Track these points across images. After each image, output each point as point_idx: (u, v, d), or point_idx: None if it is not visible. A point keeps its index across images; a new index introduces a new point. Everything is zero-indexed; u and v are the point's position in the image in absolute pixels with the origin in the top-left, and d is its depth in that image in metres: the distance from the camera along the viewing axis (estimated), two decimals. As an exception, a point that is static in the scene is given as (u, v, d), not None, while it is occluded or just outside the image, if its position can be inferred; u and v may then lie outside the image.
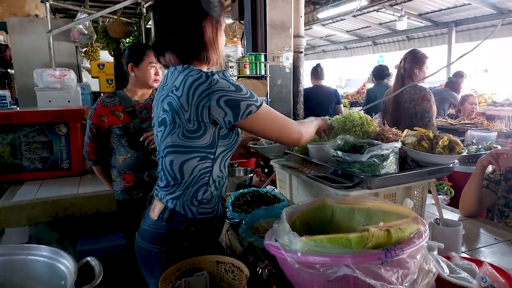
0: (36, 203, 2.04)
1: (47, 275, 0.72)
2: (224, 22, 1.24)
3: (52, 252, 0.72)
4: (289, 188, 1.62)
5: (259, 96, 3.13)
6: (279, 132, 1.20)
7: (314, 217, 1.20)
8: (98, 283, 0.70)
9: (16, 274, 0.73)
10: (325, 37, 10.45)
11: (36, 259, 0.72)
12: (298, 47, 4.18)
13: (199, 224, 1.20)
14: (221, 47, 1.22)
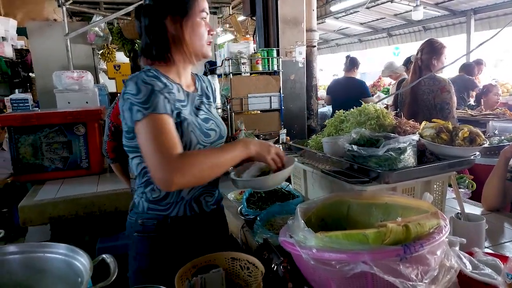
0: (57, 202, 2.09)
1: (64, 272, 0.73)
2: (198, 13, 1.13)
3: (68, 249, 0.73)
4: (304, 184, 1.60)
5: (272, 92, 3.13)
6: (149, 158, 0.99)
7: (330, 212, 1.18)
8: (116, 280, 0.71)
9: (35, 271, 0.74)
10: (338, 30, 10.32)
11: (54, 257, 0.73)
12: (311, 41, 4.14)
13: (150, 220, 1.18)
14: (194, 42, 1.14)
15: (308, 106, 4.06)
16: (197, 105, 1.22)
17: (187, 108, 1.16)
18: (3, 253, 0.74)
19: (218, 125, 1.25)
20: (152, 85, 1.03)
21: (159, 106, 1.01)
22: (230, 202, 1.97)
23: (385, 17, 8.60)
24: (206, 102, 1.28)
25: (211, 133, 1.20)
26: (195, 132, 1.13)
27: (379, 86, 7.45)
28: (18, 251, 0.74)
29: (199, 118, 1.19)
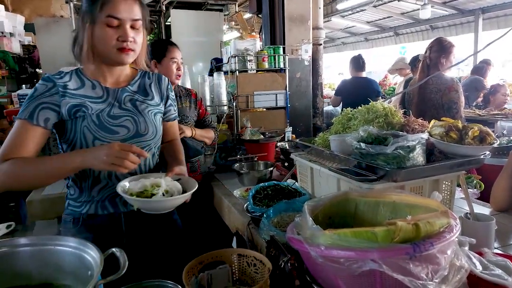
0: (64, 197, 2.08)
1: (74, 265, 0.73)
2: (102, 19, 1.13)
3: (79, 243, 0.73)
4: (311, 182, 1.60)
5: (277, 90, 3.12)
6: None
7: (337, 211, 1.17)
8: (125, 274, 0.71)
9: (46, 263, 0.74)
10: (344, 28, 10.27)
11: (64, 250, 0.74)
12: (317, 40, 4.12)
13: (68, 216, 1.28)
14: (98, 47, 1.17)
15: (313, 105, 4.05)
16: (121, 100, 1.25)
17: (101, 103, 1.21)
18: (15, 245, 0.74)
19: (135, 122, 1.24)
20: (35, 89, 1.16)
21: (26, 113, 1.11)
22: (236, 199, 1.97)
23: (392, 15, 8.55)
24: (140, 99, 1.29)
25: (120, 129, 1.21)
26: (90, 127, 1.16)
27: (385, 86, 7.41)
28: (29, 243, 0.75)
29: (110, 113, 1.21)
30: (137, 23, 1.17)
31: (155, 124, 1.29)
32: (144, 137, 1.25)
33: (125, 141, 1.20)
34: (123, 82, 1.29)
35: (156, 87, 1.35)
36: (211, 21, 4.71)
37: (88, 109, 1.17)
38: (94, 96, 1.21)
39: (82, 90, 1.20)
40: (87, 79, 1.22)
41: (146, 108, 1.28)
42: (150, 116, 1.28)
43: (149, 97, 1.32)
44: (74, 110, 1.16)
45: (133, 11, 1.16)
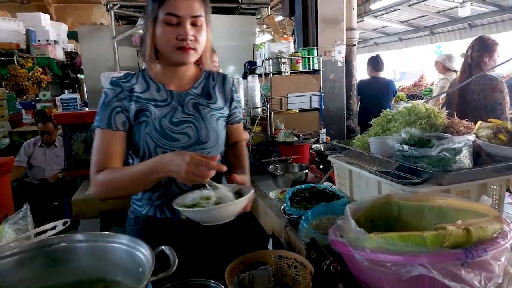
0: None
1: (126, 262, 0.76)
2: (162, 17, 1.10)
3: (130, 240, 0.76)
4: (349, 185, 1.58)
5: (312, 92, 3.10)
6: (91, 159, 1.15)
7: (379, 214, 1.15)
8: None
9: (99, 259, 0.78)
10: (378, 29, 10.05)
11: (116, 246, 0.77)
12: (350, 41, 4.06)
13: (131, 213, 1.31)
14: (159, 46, 1.14)
15: (347, 106, 3.99)
16: (184, 104, 1.21)
17: (164, 107, 1.18)
18: (73, 241, 0.79)
19: (197, 128, 1.20)
20: (106, 94, 1.16)
21: (104, 120, 1.13)
22: (271, 200, 1.97)
23: (428, 14, 8.27)
24: (203, 102, 1.24)
25: (181, 137, 1.17)
26: (152, 134, 1.14)
27: (421, 86, 7.18)
28: (84, 239, 0.79)
29: (172, 119, 1.18)
30: (198, 20, 1.11)
31: (217, 130, 1.24)
32: (205, 144, 1.21)
33: (186, 148, 1.17)
34: (187, 84, 1.25)
35: (220, 89, 1.30)
36: (244, 25, 4.76)
37: (152, 114, 1.16)
38: (158, 99, 1.19)
39: (147, 93, 1.18)
40: (153, 81, 1.21)
41: (209, 113, 1.24)
42: (212, 122, 1.24)
43: (212, 100, 1.27)
44: (139, 114, 1.15)
45: (193, 7, 1.10)
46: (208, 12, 1.16)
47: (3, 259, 0.72)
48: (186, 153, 0.99)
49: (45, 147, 3.91)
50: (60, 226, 0.82)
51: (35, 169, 3.87)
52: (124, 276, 0.78)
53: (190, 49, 1.12)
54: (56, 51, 7.01)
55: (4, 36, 5.52)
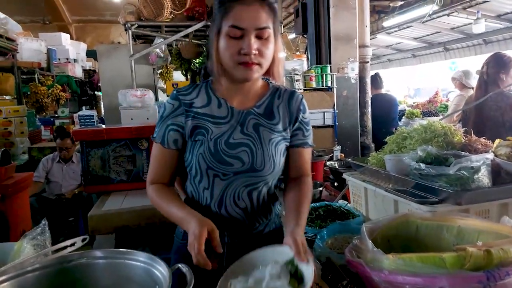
0: (122, 212, 2.22)
1: (143, 279, 0.77)
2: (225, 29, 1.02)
3: (148, 257, 0.77)
4: (365, 203, 1.56)
5: (326, 108, 3.10)
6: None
7: (397, 233, 1.13)
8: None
9: (117, 276, 0.79)
10: (390, 45, 10.06)
11: (134, 264, 0.78)
12: (363, 57, 4.08)
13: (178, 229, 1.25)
14: (222, 60, 1.05)
15: (361, 123, 3.98)
16: (244, 123, 1.11)
17: (223, 125, 1.10)
18: (91, 257, 0.80)
19: (252, 154, 1.09)
20: (165, 108, 1.12)
21: (160, 135, 1.11)
22: (285, 218, 1.96)
23: (441, 31, 8.27)
24: (264, 123, 1.13)
25: (234, 162, 1.08)
26: (205, 155, 1.07)
27: (436, 102, 7.10)
28: (103, 256, 0.80)
29: (229, 140, 1.09)
30: (264, 32, 1.00)
31: (274, 158, 1.11)
32: (259, 172, 1.10)
33: (239, 173, 1.09)
34: (250, 101, 1.14)
35: (285, 108, 1.16)
36: (258, 43, 4.83)
37: (208, 133, 1.08)
38: (217, 116, 1.10)
39: (207, 109, 1.11)
40: (215, 95, 1.12)
41: (269, 136, 1.12)
42: (271, 148, 1.11)
43: (274, 121, 1.14)
44: (195, 132, 1.09)
45: (258, 19, 1.00)
46: (276, 22, 1.05)
47: (24, 275, 0.74)
48: (203, 224, 0.91)
49: (63, 163, 3.99)
50: (79, 243, 0.83)
51: (52, 185, 3.95)
52: (141, 294, 0.79)
53: (254, 64, 1.01)
54: (75, 69, 7.24)
55: (27, 55, 5.72)
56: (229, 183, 1.10)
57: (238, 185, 1.11)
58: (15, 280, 0.73)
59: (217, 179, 1.10)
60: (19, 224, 2.64)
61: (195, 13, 4.82)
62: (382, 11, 7.42)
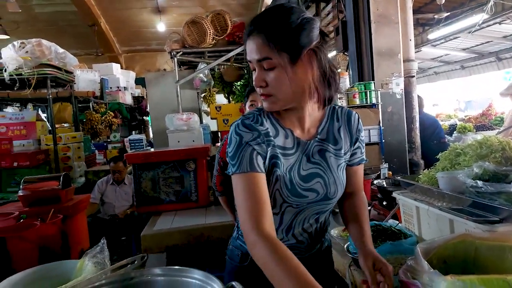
0: (173, 232, 2.31)
1: (199, 297, 0.80)
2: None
3: (203, 275, 0.80)
4: (417, 222, 1.50)
5: (370, 125, 3.05)
6: (240, 212, 0.96)
7: (454, 254, 1.08)
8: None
9: (173, 293, 0.83)
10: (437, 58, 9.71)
11: (190, 281, 0.81)
12: (409, 72, 3.98)
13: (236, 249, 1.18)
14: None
15: (409, 139, 3.85)
16: (311, 153, 1.08)
17: (291, 157, 1.05)
18: (151, 275, 0.85)
19: (326, 184, 1.07)
20: (240, 136, 1.00)
21: (245, 163, 0.97)
22: (333, 238, 1.92)
23: (492, 40, 7.86)
24: (329, 149, 1.09)
25: (309, 194, 1.05)
26: (282, 191, 1.03)
27: (490, 115, 6.71)
28: (162, 273, 0.84)
29: (300, 172, 1.05)
30: (265, 63, 0.96)
31: (343, 182, 1.11)
32: (331, 200, 1.09)
33: (311, 203, 1.07)
34: (312, 128, 1.10)
35: (345, 130, 1.13)
36: (298, 63, 4.89)
37: (280, 166, 1.03)
38: (286, 147, 1.05)
39: (277, 140, 1.05)
40: (280, 126, 1.07)
41: (337, 163, 1.10)
42: (340, 174, 1.10)
43: (339, 146, 1.11)
44: (271, 162, 1.03)
45: (255, 51, 0.96)
46: (281, 51, 0.95)
47: (92, 290, 0.80)
48: None
49: (116, 185, 4.22)
50: (138, 261, 0.88)
51: (106, 206, 4.18)
52: (197, 311, 0.81)
53: (264, 95, 1.00)
54: (125, 96, 7.72)
55: (83, 85, 6.20)
56: (300, 210, 1.08)
57: (308, 212, 1.09)
58: (84, 295, 0.79)
59: (289, 208, 1.07)
60: (78, 243, 2.82)
61: (236, 38, 5.01)
62: (426, 23, 7.22)
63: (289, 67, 0.96)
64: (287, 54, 0.95)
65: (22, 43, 4.18)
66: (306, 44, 0.96)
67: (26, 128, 4.74)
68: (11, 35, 8.24)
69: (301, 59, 0.97)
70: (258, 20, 0.98)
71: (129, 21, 9.75)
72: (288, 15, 0.96)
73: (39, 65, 4.23)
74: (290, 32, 0.95)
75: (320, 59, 1.00)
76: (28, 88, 4.34)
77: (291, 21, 0.95)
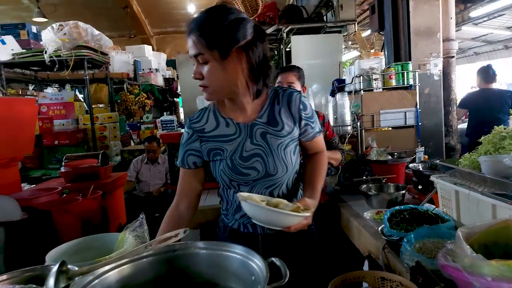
0: (205, 209, 2.38)
1: (239, 270, 0.83)
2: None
3: (244, 250, 0.83)
4: (456, 207, 1.46)
5: (407, 107, 2.96)
6: None
7: (496, 240, 1.05)
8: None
9: (215, 265, 0.86)
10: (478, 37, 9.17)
11: (231, 255, 0.84)
12: (448, 52, 3.80)
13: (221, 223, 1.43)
14: None
15: (446, 122, 3.71)
16: (254, 136, 1.22)
17: (234, 141, 1.22)
18: (194, 247, 0.89)
19: (265, 162, 1.21)
20: (183, 136, 1.28)
21: (180, 160, 1.29)
22: (366, 221, 1.92)
23: (541, 17, 7.31)
24: (270, 131, 1.23)
25: (250, 172, 1.21)
26: (225, 171, 1.22)
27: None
28: (204, 247, 0.88)
29: (242, 154, 1.21)
30: (200, 58, 1.09)
31: (285, 161, 1.23)
32: (273, 176, 1.23)
33: (257, 180, 1.23)
34: (253, 114, 1.24)
35: (286, 112, 1.25)
36: (330, 43, 4.79)
37: (224, 152, 1.22)
38: (227, 134, 1.23)
39: (217, 130, 1.23)
40: (222, 117, 1.24)
41: (276, 142, 1.22)
42: (280, 153, 1.22)
43: (279, 127, 1.24)
44: (211, 153, 1.23)
45: (192, 47, 1.09)
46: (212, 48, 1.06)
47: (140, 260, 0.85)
48: None
49: (150, 164, 4.37)
50: (181, 234, 0.92)
51: (142, 184, 4.34)
52: (237, 283, 0.85)
53: (202, 87, 1.14)
54: (157, 78, 7.85)
55: (117, 67, 6.35)
56: (252, 187, 1.24)
57: (260, 188, 1.25)
58: (133, 263, 0.84)
59: (242, 186, 1.25)
60: (116, 218, 2.96)
61: (266, 18, 4.93)
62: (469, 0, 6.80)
63: (219, 62, 1.08)
64: (217, 51, 1.06)
65: (60, 25, 4.32)
66: (235, 42, 1.06)
67: (65, 108, 4.95)
68: (48, 18, 8.52)
69: (231, 56, 1.08)
70: (196, 19, 1.09)
71: (160, 2, 9.82)
72: (222, 15, 1.06)
73: (76, 47, 4.37)
74: (220, 31, 1.05)
75: (249, 56, 1.10)
76: (66, 70, 4.51)
77: (222, 21, 1.05)
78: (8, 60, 4.41)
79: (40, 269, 1.17)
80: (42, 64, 4.46)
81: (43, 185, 3.08)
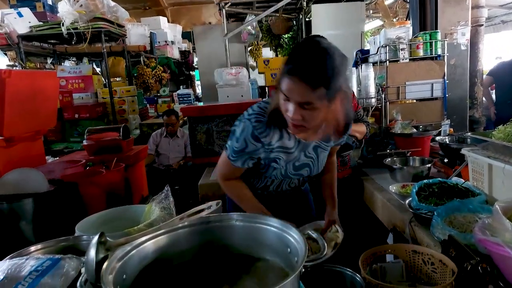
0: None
1: (275, 242, 0.83)
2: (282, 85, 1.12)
3: (280, 223, 0.83)
4: (488, 181, 1.43)
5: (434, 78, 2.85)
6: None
7: (534, 215, 1.02)
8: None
9: (250, 237, 0.87)
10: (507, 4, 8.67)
11: (267, 228, 0.84)
12: (477, 20, 3.62)
13: None
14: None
15: (471, 94, 3.58)
16: (306, 149, 1.33)
17: (292, 154, 1.30)
18: (229, 219, 0.89)
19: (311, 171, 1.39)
20: (246, 145, 1.23)
21: (239, 162, 1.28)
22: (390, 194, 1.90)
23: None
24: (322, 145, 1.36)
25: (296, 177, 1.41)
26: (277, 176, 1.36)
27: None
28: (239, 219, 0.88)
29: (295, 164, 1.33)
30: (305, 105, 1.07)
31: (323, 165, 1.43)
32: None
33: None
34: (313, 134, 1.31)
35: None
36: (352, 12, 4.61)
37: (281, 162, 1.30)
38: (288, 146, 1.28)
39: (280, 142, 1.26)
40: (286, 131, 1.26)
41: (324, 154, 1.39)
42: (323, 162, 1.42)
43: (330, 142, 1.38)
44: (271, 160, 1.30)
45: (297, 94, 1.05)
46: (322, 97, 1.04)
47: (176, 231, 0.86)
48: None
49: (169, 137, 4.40)
50: (214, 206, 0.92)
51: (162, 157, 4.40)
52: (272, 255, 0.85)
53: (296, 126, 1.13)
54: (173, 50, 7.74)
55: (134, 40, 6.28)
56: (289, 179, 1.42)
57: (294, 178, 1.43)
58: (169, 234, 0.85)
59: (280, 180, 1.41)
60: (139, 190, 3.02)
61: (285, -14, 4.76)
62: (499, -37, 6.39)
63: (326, 106, 1.07)
64: (327, 97, 1.04)
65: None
66: (343, 85, 1.08)
67: (84, 82, 4.97)
68: (63, -10, 8.40)
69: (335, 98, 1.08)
70: (299, 62, 1.04)
71: (174, -28, 9.56)
72: (329, 60, 1.02)
73: (93, 19, 4.32)
74: (331, 78, 1.02)
75: (347, 94, 1.13)
76: (84, 42, 4.48)
77: (332, 67, 1.02)
78: (26, 33, 4.41)
79: (72, 239, 1.21)
80: (60, 37, 4.45)
81: (67, 158, 3.14)
